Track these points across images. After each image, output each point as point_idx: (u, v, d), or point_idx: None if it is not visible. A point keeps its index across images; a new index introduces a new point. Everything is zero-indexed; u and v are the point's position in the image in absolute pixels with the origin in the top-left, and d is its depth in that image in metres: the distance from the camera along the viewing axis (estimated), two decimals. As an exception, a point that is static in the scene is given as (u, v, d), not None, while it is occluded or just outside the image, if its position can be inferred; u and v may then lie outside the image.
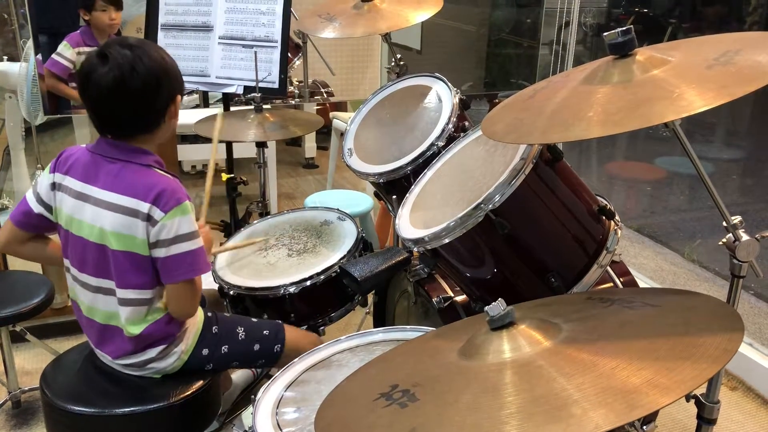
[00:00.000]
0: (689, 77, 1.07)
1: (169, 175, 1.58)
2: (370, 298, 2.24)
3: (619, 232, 1.56)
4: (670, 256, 3.62)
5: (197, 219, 1.64)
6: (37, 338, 2.33)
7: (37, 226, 1.65)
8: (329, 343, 1.57)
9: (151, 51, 1.52)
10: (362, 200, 3.10)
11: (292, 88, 3.58)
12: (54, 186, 1.60)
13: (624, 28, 1.17)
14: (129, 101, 1.51)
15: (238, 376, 2.29)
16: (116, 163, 1.55)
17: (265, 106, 2.29)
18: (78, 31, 3.39)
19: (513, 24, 5.24)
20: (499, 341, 0.97)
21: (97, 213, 1.54)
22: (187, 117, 2.65)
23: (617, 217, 1.57)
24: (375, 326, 2.14)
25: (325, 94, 3.86)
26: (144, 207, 1.51)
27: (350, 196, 3.22)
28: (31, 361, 2.55)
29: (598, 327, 0.95)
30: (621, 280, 1.83)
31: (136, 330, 1.58)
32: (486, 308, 0.98)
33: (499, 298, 0.99)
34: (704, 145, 4.27)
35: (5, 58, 3.57)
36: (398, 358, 1.15)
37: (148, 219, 1.51)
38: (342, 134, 4.33)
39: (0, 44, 3.81)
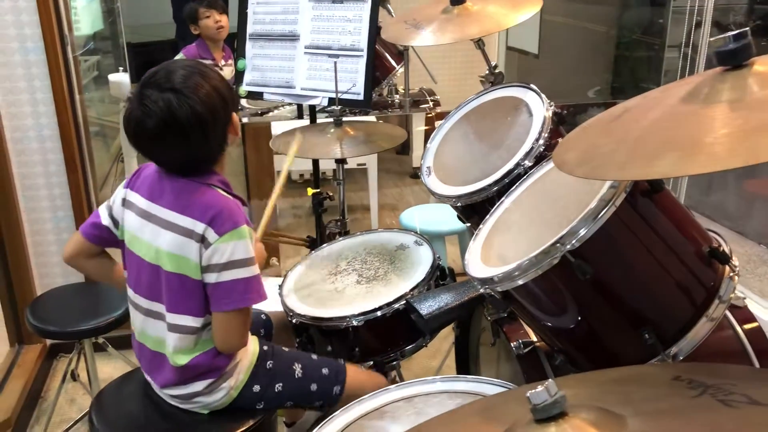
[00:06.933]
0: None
1: (231, 197, 1.48)
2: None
3: (736, 278, 1.27)
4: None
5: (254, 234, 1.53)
6: (115, 349, 2.34)
7: (101, 239, 1.60)
8: (387, 389, 1.40)
9: (194, 85, 1.39)
10: (462, 216, 2.89)
11: (397, 97, 3.45)
12: (124, 202, 1.55)
13: (736, 32, 0.92)
14: (179, 144, 1.41)
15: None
16: (179, 181, 1.47)
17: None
18: (194, 44, 3.47)
19: (645, 24, 4.81)
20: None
21: (155, 232, 1.47)
22: (281, 129, 2.59)
23: (734, 261, 1.28)
24: (457, 363, 1.95)
25: (431, 103, 3.69)
26: (199, 227, 1.42)
27: (451, 211, 3.01)
28: (110, 372, 2.57)
29: (676, 430, 0.72)
30: (743, 327, 1.52)
31: (181, 360, 1.49)
32: (528, 394, 0.77)
33: (549, 380, 0.78)
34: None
35: (120, 69, 3.69)
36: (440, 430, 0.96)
37: (202, 240, 1.42)
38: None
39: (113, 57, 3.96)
